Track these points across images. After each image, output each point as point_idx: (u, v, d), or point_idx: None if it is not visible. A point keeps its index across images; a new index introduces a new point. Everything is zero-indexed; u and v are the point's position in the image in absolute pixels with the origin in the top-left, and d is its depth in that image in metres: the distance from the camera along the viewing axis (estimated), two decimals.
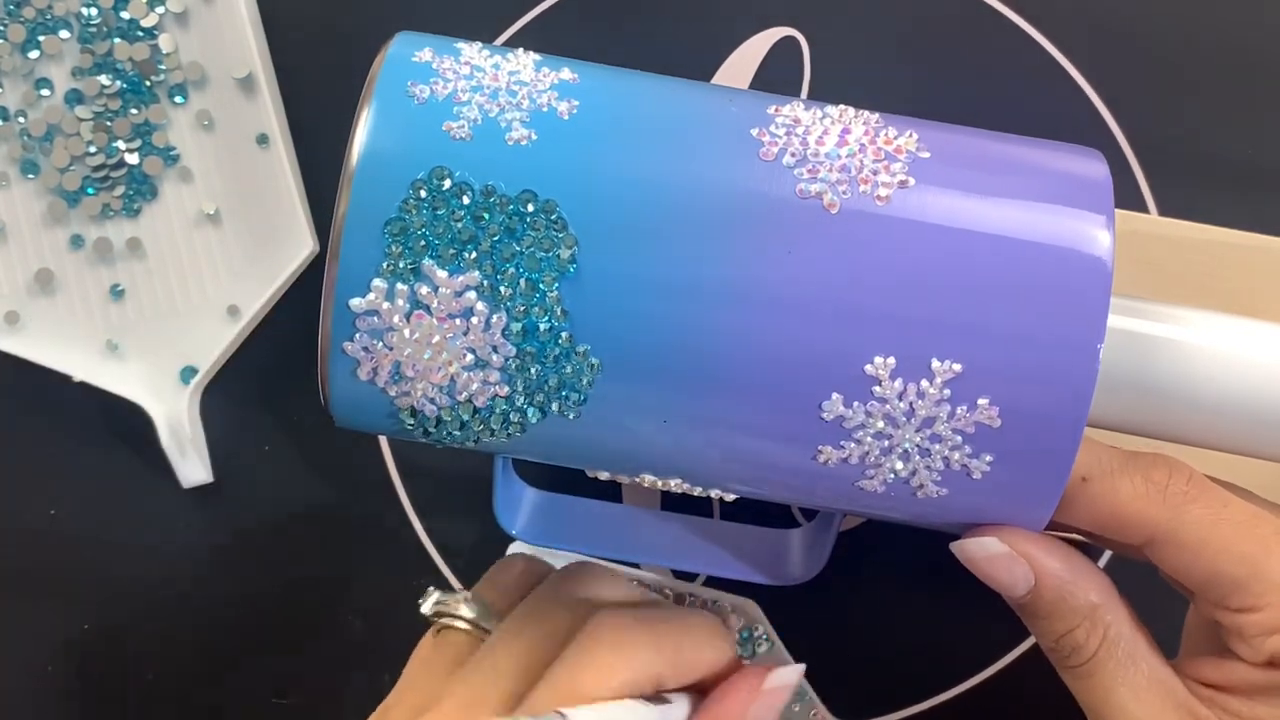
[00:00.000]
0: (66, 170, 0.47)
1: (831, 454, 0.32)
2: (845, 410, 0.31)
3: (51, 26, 0.47)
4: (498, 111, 0.32)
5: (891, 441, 0.32)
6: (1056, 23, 0.48)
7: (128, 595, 0.47)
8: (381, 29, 0.49)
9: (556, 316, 0.31)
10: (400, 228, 0.31)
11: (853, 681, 0.46)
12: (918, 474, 0.32)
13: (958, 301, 0.31)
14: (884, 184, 0.32)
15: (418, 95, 0.32)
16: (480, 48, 0.34)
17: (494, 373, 0.31)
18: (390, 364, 0.31)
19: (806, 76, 0.48)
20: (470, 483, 0.48)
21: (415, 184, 0.31)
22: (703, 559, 0.40)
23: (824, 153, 0.32)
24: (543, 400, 0.32)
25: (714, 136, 0.32)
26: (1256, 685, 0.33)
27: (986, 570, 0.34)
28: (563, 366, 0.31)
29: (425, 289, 0.31)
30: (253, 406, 0.48)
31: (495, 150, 0.31)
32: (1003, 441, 0.31)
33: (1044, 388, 0.31)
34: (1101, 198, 0.32)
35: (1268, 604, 0.32)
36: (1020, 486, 0.32)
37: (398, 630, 0.47)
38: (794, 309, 0.31)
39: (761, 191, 0.32)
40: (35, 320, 0.47)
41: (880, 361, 0.31)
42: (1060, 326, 0.31)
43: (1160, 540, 0.33)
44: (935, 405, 0.31)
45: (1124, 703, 0.34)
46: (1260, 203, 0.46)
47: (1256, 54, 0.47)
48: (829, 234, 0.31)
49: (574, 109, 0.32)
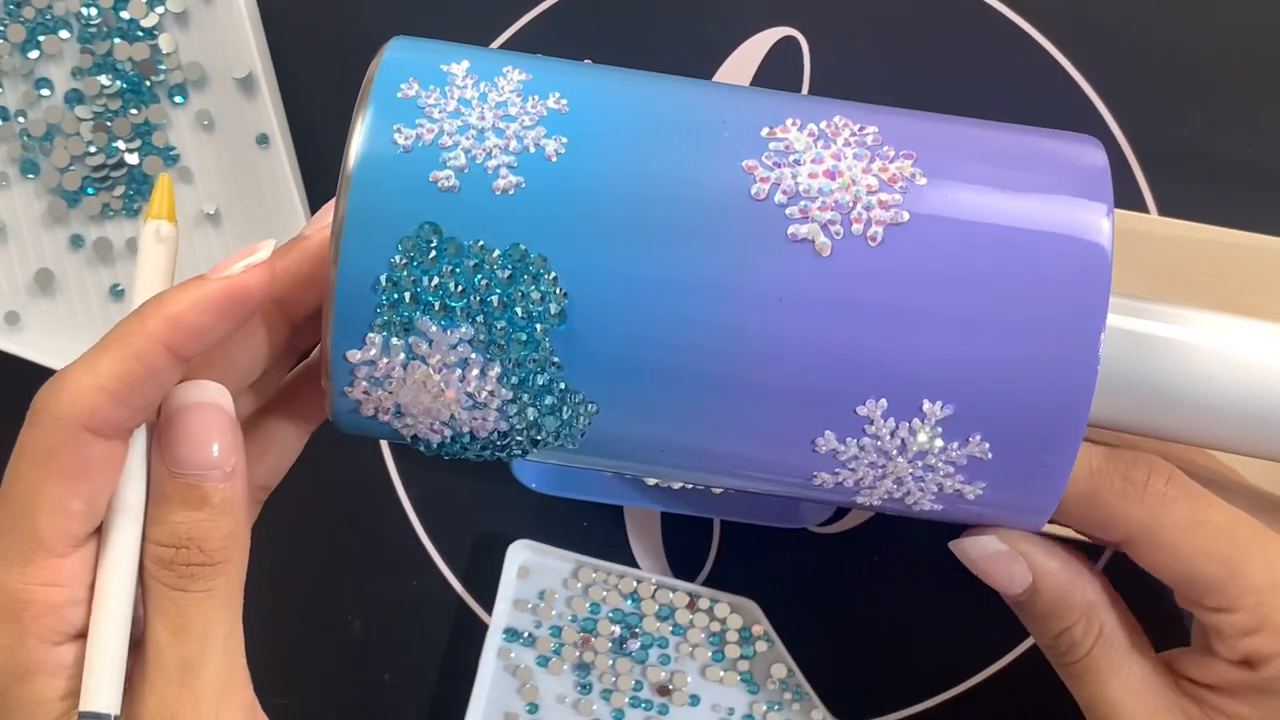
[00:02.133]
0: (66, 170, 0.47)
1: (826, 478, 0.33)
2: (838, 445, 0.32)
3: (51, 26, 0.47)
4: (484, 157, 0.31)
5: (885, 470, 0.32)
6: (1057, 22, 0.48)
7: None
8: (381, 29, 0.49)
9: (551, 366, 0.31)
10: (391, 284, 0.31)
11: (853, 681, 0.46)
12: (911, 494, 0.33)
13: (950, 342, 0.31)
14: (877, 221, 0.31)
15: (403, 143, 0.31)
16: (468, 70, 0.33)
17: (492, 413, 0.32)
18: (391, 404, 0.32)
19: (806, 76, 0.48)
20: (470, 483, 0.48)
21: (404, 242, 0.31)
22: (715, 505, 0.40)
23: (816, 188, 0.31)
24: (541, 439, 0.32)
25: (705, 176, 0.32)
26: (1235, 683, 0.33)
27: (984, 569, 0.35)
28: (559, 411, 0.32)
29: (420, 343, 0.31)
30: None
31: (483, 201, 0.31)
32: (995, 471, 0.32)
33: (1038, 420, 0.31)
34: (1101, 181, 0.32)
35: (1242, 605, 0.33)
36: (1013, 506, 0.33)
37: (398, 630, 0.47)
38: (784, 352, 0.31)
39: (753, 237, 0.31)
40: (35, 320, 0.47)
41: (872, 404, 0.31)
42: (1055, 344, 0.31)
43: (1138, 540, 0.33)
44: (928, 441, 0.31)
45: (1119, 698, 0.34)
46: (1260, 203, 0.46)
47: (1257, 54, 0.47)
48: (820, 278, 0.31)
49: (561, 149, 0.32)
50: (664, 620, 0.46)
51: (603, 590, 0.46)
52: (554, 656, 0.46)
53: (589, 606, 0.46)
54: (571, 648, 0.46)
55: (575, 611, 0.46)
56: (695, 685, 0.45)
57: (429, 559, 0.48)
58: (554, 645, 0.46)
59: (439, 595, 0.47)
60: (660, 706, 0.45)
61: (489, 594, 0.46)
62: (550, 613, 0.46)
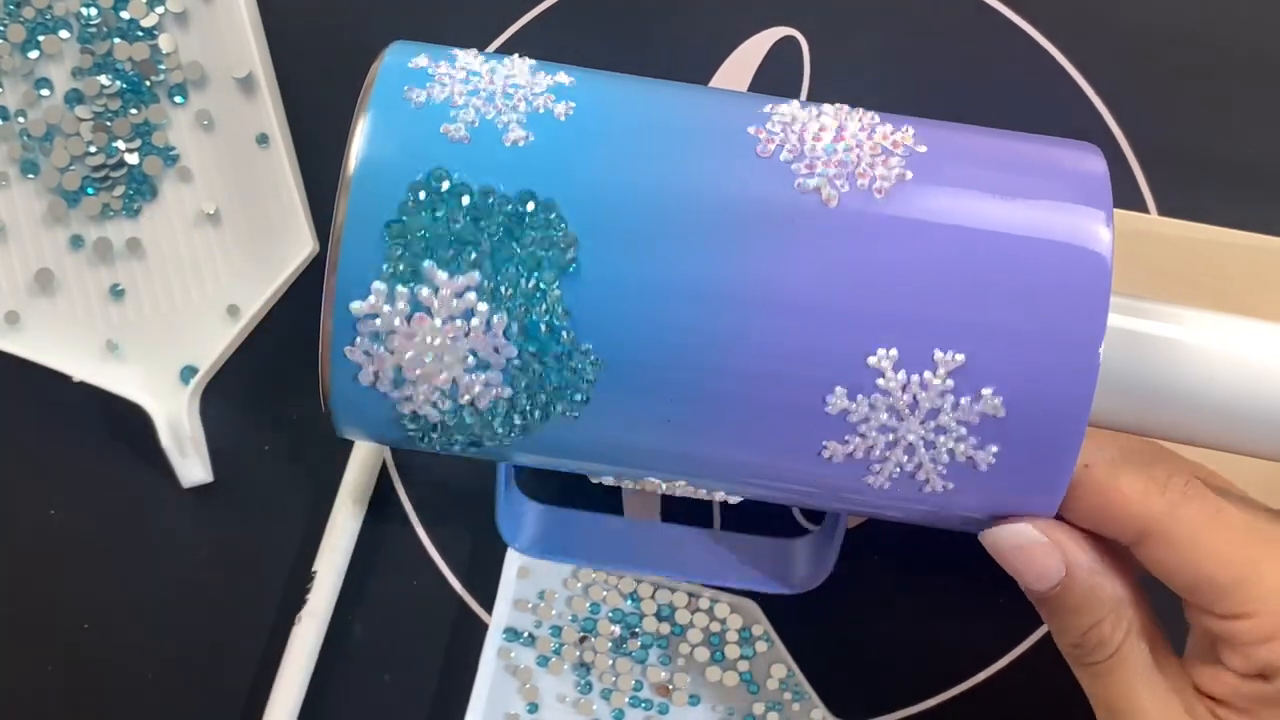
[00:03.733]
0: (66, 170, 0.47)
1: (836, 449, 0.32)
2: (849, 404, 0.31)
3: (51, 26, 0.47)
4: (494, 114, 0.32)
5: (896, 435, 0.32)
6: (1056, 23, 0.48)
7: (128, 595, 0.47)
8: (381, 29, 0.49)
9: (558, 316, 0.31)
10: (399, 230, 0.31)
11: (853, 681, 0.46)
12: (923, 467, 0.32)
13: (958, 293, 0.31)
14: (882, 178, 0.32)
15: (414, 99, 0.32)
16: (475, 53, 0.34)
17: (496, 374, 0.31)
18: (392, 368, 0.31)
19: (806, 76, 0.48)
20: (471, 484, 0.48)
21: (413, 186, 0.31)
22: (706, 570, 0.40)
23: (821, 148, 0.32)
24: (545, 401, 0.32)
25: (711, 134, 0.33)
26: (1247, 697, 0.32)
27: (1016, 560, 0.33)
28: (565, 366, 0.31)
29: (426, 291, 0.31)
30: (253, 406, 0.48)
31: (493, 151, 0.31)
32: (1008, 431, 0.31)
33: (1048, 371, 0.31)
34: (1099, 185, 0.33)
35: (1257, 611, 0.31)
36: (1026, 477, 0.32)
37: (398, 630, 0.47)
38: (794, 303, 0.31)
39: (759, 187, 0.32)
40: (35, 320, 0.47)
41: (882, 354, 0.31)
42: (1063, 310, 0.31)
43: (1153, 536, 0.32)
44: (939, 396, 0.31)
45: (1144, 703, 0.33)
46: (1260, 203, 0.46)
47: (1257, 54, 0.47)
48: (827, 228, 0.31)
49: (570, 110, 0.32)
50: (664, 620, 0.46)
51: (603, 590, 0.46)
52: (554, 656, 0.46)
53: (589, 606, 0.46)
54: (571, 648, 0.46)
55: (575, 611, 0.46)
56: (695, 685, 0.45)
57: (429, 559, 0.48)
58: (554, 645, 0.46)
59: (439, 595, 0.47)
60: (660, 706, 0.45)
61: (489, 594, 0.46)
62: (550, 613, 0.46)
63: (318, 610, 0.45)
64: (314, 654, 0.45)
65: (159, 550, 0.48)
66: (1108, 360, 0.32)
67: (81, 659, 0.47)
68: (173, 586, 0.47)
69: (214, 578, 0.48)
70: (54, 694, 0.47)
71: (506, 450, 0.34)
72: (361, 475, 0.47)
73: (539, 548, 0.40)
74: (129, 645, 0.47)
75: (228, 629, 0.47)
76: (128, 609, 0.47)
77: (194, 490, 0.47)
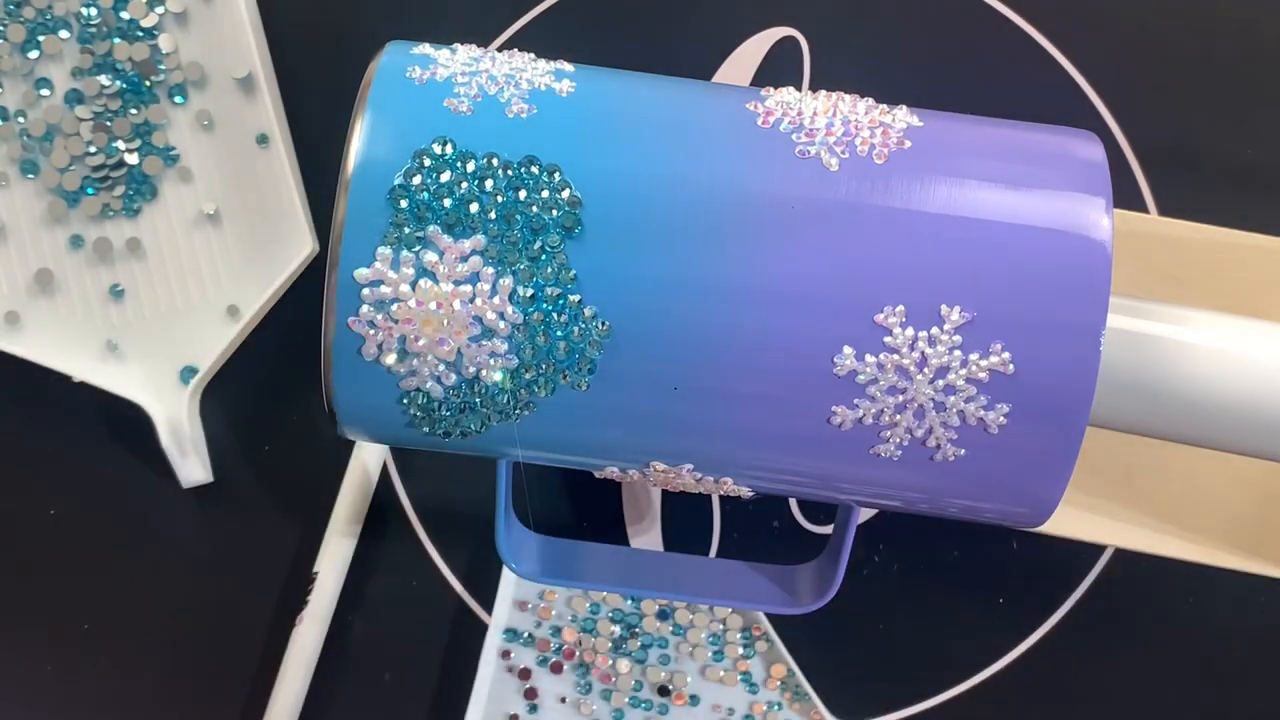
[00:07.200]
0: (66, 170, 0.47)
1: (845, 414, 0.32)
2: (857, 364, 0.31)
3: (51, 26, 0.47)
4: (497, 90, 0.33)
5: (905, 396, 0.32)
6: (1056, 22, 0.48)
7: (128, 595, 0.47)
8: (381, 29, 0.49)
9: (563, 278, 0.31)
10: (404, 195, 0.31)
11: (853, 681, 0.46)
12: (934, 432, 0.32)
13: (962, 249, 0.31)
14: (881, 144, 0.32)
15: (418, 77, 0.32)
16: (475, 47, 0.35)
17: (501, 342, 0.31)
18: (396, 338, 0.31)
19: (806, 76, 0.48)
20: (470, 484, 0.48)
21: (418, 153, 0.31)
22: (708, 596, 0.40)
23: (821, 122, 0.33)
24: (551, 371, 0.32)
25: (712, 108, 0.33)
26: None
27: None
28: (571, 330, 0.31)
29: (431, 255, 0.31)
30: (253, 406, 0.48)
31: (496, 123, 0.32)
32: (1018, 390, 0.31)
33: (1056, 325, 0.31)
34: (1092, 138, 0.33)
35: None
36: (1038, 441, 0.32)
37: (397, 630, 0.47)
38: (800, 265, 0.31)
39: (761, 154, 0.32)
40: (35, 320, 0.47)
41: (890, 310, 0.31)
42: (1068, 262, 0.31)
43: None
44: (948, 353, 0.31)
45: None
46: (1260, 203, 0.46)
47: (1256, 54, 0.47)
48: (830, 190, 0.32)
49: (572, 89, 0.33)
50: (664, 620, 0.46)
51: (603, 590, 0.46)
52: (554, 656, 0.46)
53: (589, 606, 0.46)
54: (571, 648, 0.46)
55: (575, 611, 0.46)
56: (695, 685, 0.45)
57: (429, 559, 0.48)
58: (554, 645, 0.46)
59: (439, 595, 0.47)
60: (660, 706, 0.45)
61: (489, 594, 0.46)
62: (550, 613, 0.46)
63: (319, 612, 0.45)
64: (315, 655, 0.45)
65: (159, 550, 0.48)
66: (1108, 360, 0.32)
67: (82, 659, 0.47)
68: (173, 586, 0.47)
69: (214, 578, 0.48)
70: (54, 694, 0.47)
71: (510, 434, 0.33)
72: (362, 475, 0.46)
73: (543, 576, 0.39)
74: (129, 645, 0.47)
75: (228, 628, 0.47)
76: (128, 609, 0.47)
77: (194, 490, 0.47)
